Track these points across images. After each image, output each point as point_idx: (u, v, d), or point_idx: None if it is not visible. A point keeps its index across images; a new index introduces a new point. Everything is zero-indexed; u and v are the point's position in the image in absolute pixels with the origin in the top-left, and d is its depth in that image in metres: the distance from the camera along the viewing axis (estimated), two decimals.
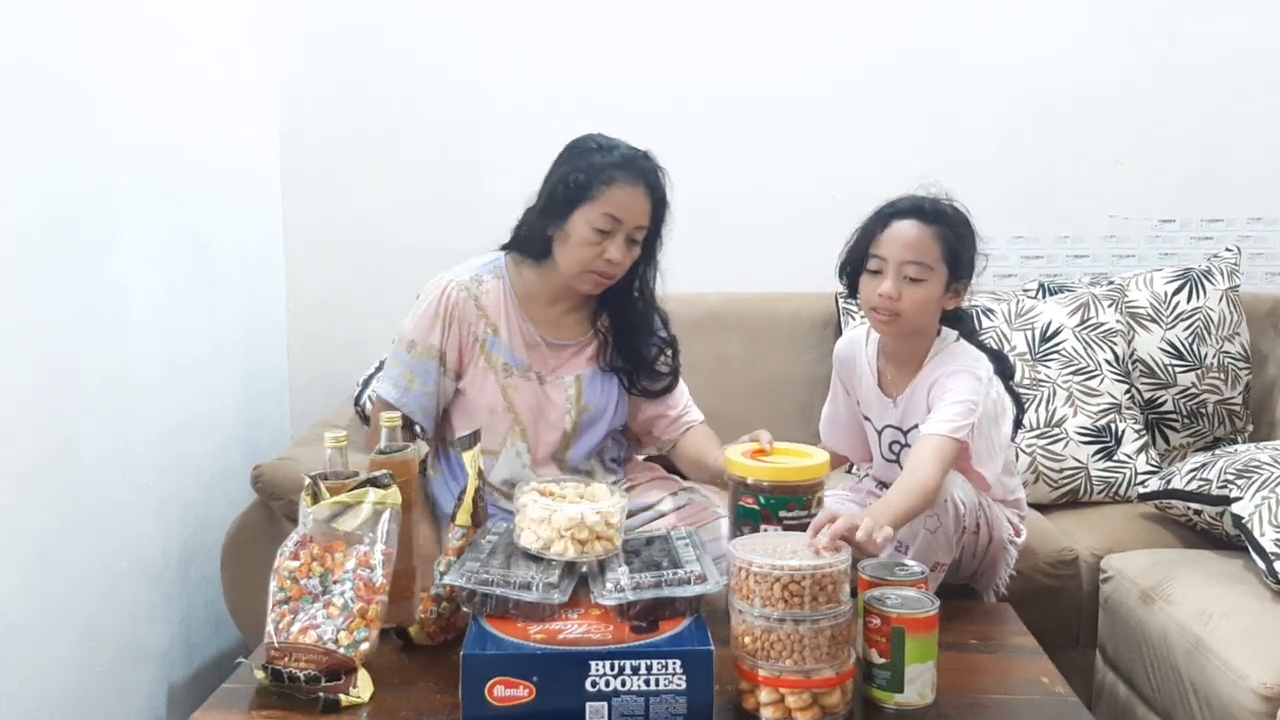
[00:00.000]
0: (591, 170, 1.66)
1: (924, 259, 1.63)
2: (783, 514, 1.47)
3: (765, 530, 1.46)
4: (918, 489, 1.54)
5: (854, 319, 2.33)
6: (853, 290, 1.74)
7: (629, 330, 1.80)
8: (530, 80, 2.66)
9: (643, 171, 1.68)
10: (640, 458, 1.94)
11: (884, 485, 1.85)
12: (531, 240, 1.74)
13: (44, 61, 1.64)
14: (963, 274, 1.67)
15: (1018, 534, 1.77)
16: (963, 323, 1.77)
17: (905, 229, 1.64)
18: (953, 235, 1.64)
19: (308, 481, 1.39)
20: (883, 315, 1.66)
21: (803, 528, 1.41)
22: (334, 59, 2.65)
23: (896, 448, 1.77)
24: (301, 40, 2.62)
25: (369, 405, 2.19)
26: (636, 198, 1.67)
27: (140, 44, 1.92)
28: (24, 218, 1.59)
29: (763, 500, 1.47)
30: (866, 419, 1.82)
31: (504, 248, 1.82)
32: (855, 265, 1.71)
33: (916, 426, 1.69)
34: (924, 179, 1.69)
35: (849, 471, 2.15)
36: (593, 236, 1.66)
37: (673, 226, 1.75)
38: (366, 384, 2.24)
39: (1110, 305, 2.36)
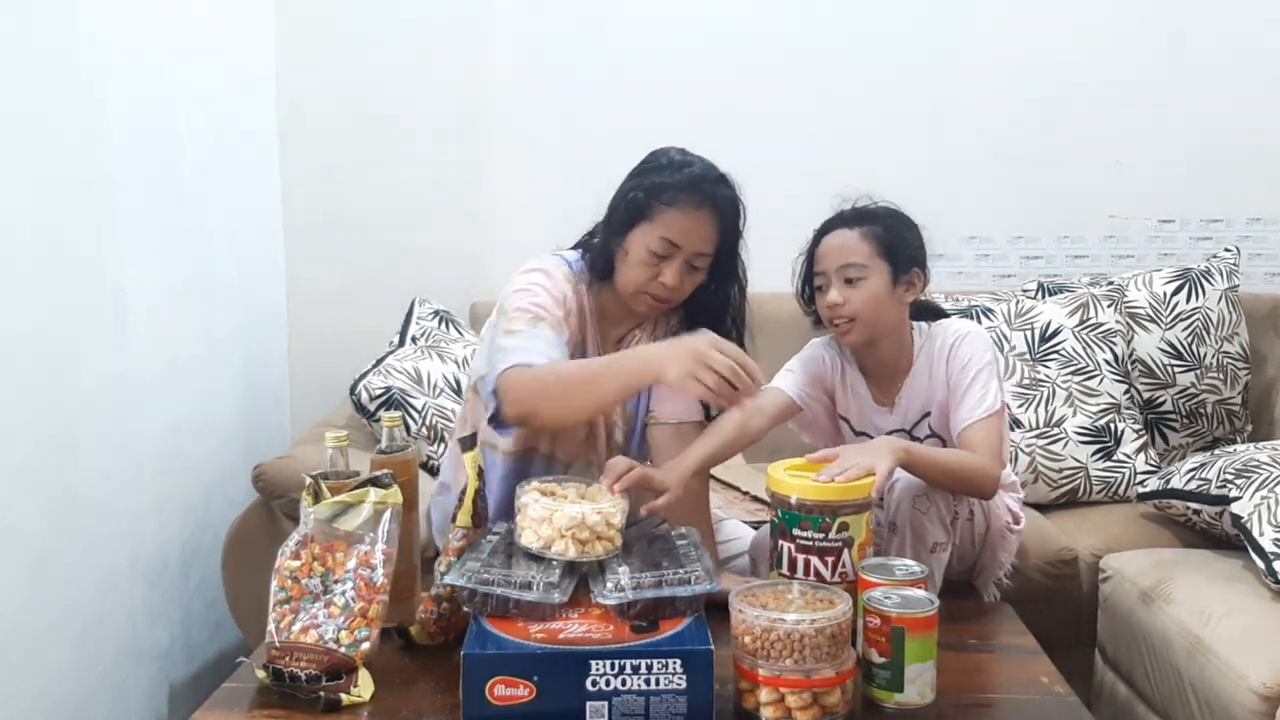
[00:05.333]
0: (653, 190, 1.56)
1: (855, 259, 1.67)
2: (795, 531, 1.44)
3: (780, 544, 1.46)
4: (965, 460, 1.61)
5: None
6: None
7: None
8: (530, 79, 2.66)
9: (710, 196, 1.57)
10: None
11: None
12: (598, 255, 1.66)
13: (43, 61, 1.64)
14: (905, 265, 1.69)
15: (1016, 521, 1.78)
16: (930, 311, 1.81)
17: (832, 239, 1.71)
18: (882, 230, 1.69)
19: (309, 481, 1.39)
20: (840, 325, 1.69)
21: (816, 549, 1.42)
22: (334, 57, 2.66)
23: None
24: (302, 38, 2.62)
25: (365, 395, 2.19)
26: (699, 222, 1.56)
27: (140, 42, 1.92)
28: (21, 217, 1.58)
29: (780, 514, 1.47)
30: (861, 434, 1.81)
31: (577, 248, 1.72)
32: (810, 290, 1.77)
33: (927, 415, 1.72)
34: (843, 190, 1.72)
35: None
36: (648, 258, 1.57)
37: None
38: (364, 376, 2.24)
39: (1109, 305, 2.36)
